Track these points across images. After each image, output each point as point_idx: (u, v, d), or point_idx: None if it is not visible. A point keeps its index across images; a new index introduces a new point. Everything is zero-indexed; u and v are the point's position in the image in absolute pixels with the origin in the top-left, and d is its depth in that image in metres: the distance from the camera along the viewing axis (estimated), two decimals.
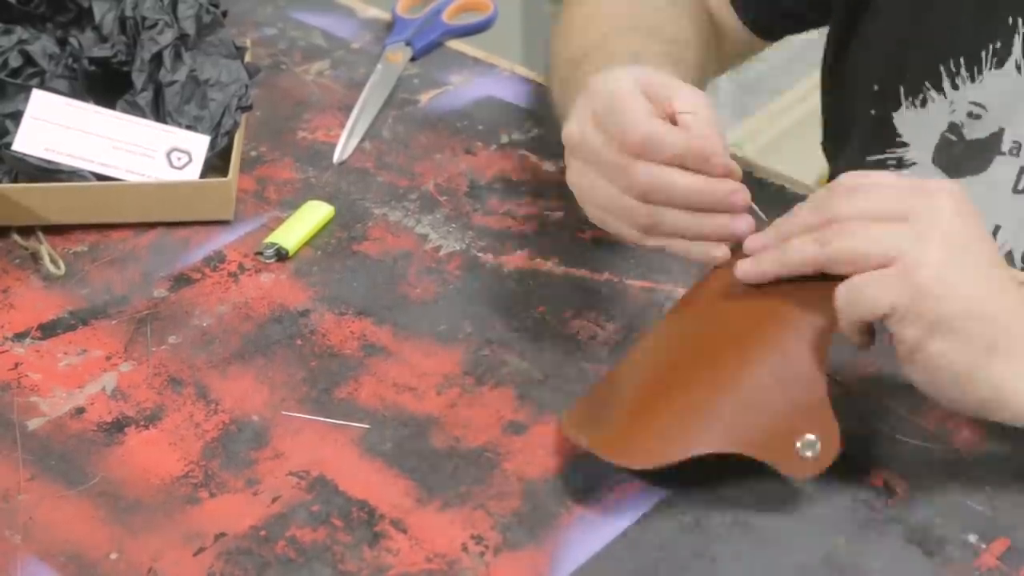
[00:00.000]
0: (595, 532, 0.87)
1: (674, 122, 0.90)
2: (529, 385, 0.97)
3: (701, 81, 1.08)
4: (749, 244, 0.90)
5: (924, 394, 0.86)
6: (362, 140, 1.19)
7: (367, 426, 0.94)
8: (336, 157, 1.17)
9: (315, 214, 1.12)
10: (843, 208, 0.85)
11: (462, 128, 1.22)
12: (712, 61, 1.16)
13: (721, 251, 0.91)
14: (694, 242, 0.91)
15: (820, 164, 1.28)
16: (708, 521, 0.87)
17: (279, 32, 1.34)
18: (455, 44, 1.32)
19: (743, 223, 0.90)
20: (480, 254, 1.08)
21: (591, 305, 1.03)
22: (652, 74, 0.93)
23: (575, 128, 0.93)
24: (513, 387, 0.97)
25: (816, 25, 1.21)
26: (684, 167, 0.89)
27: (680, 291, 1.04)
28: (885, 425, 0.92)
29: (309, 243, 1.10)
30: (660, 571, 0.85)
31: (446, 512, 0.89)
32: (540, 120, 1.22)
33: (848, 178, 0.87)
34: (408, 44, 1.29)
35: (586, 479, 0.90)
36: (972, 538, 0.86)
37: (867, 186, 0.86)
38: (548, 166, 1.17)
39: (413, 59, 1.28)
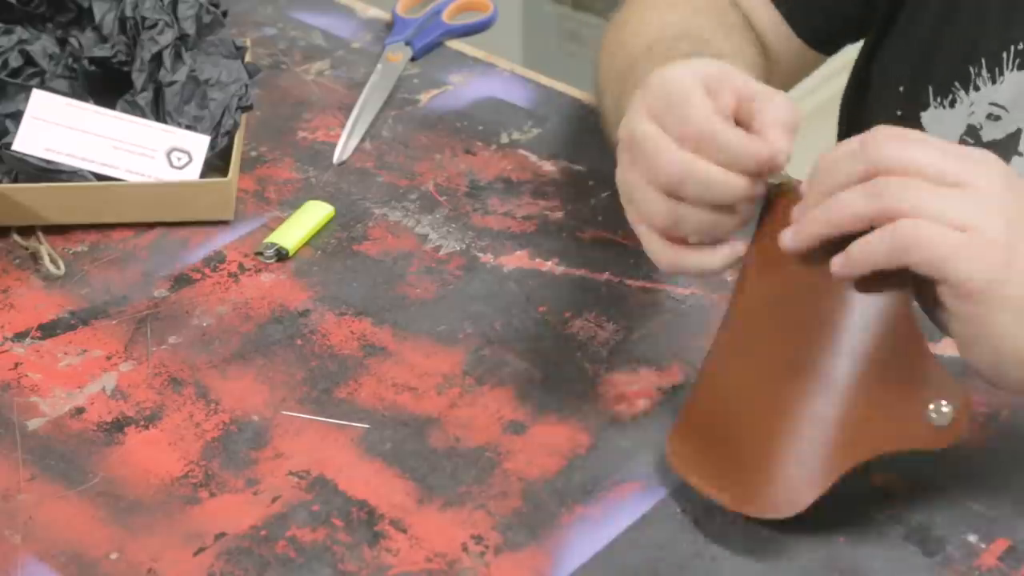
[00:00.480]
0: (595, 532, 0.87)
1: (737, 120, 0.85)
2: (529, 385, 0.97)
3: None
4: (794, 216, 0.84)
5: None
6: (362, 140, 1.19)
7: (367, 426, 0.94)
8: (336, 157, 1.17)
9: (315, 214, 1.12)
10: (892, 155, 0.80)
11: (462, 128, 1.22)
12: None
13: (741, 246, 0.86)
14: (717, 252, 0.86)
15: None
16: (708, 521, 0.87)
17: (279, 32, 1.34)
18: (455, 44, 1.32)
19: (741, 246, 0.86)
20: (480, 254, 1.08)
21: (591, 305, 1.03)
22: (715, 66, 0.88)
23: (629, 124, 0.87)
24: (513, 387, 0.97)
25: (867, 30, 1.18)
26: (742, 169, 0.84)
27: (679, 291, 1.04)
28: None
29: (309, 243, 1.10)
30: (660, 571, 0.85)
31: (446, 512, 0.89)
32: (540, 120, 1.22)
33: (889, 128, 0.82)
34: (408, 44, 1.29)
35: (586, 479, 0.90)
36: (972, 538, 0.86)
37: (914, 139, 0.81)
38: (548, 166, 1.17)
39: (413, 59, 1.29)
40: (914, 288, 0.81)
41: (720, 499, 0.85)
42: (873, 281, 0.81)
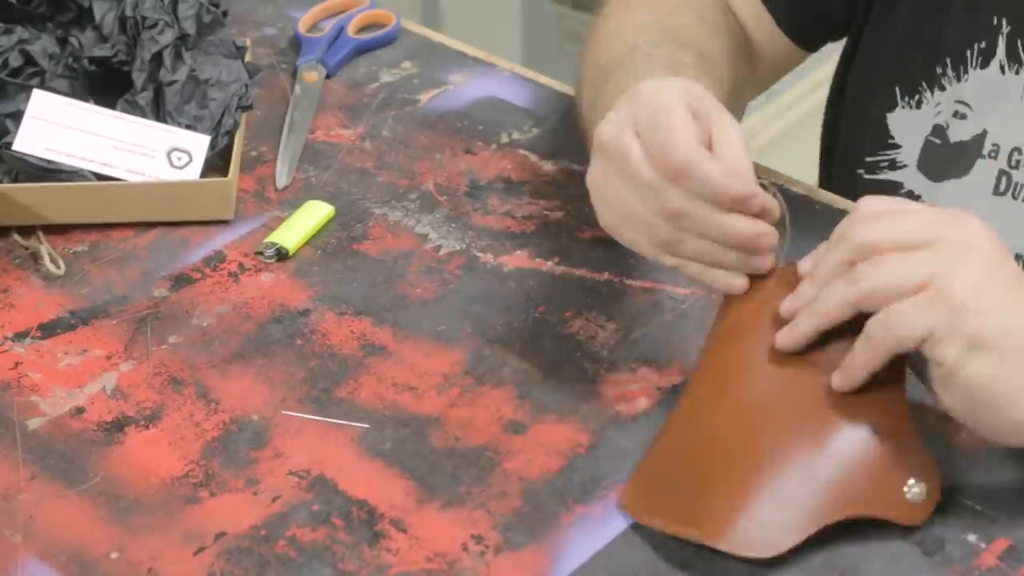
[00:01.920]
0: (595, 532, 0.87)
1: (709, 147, 0.88)
2: (529, 385, 0.97)
3: (730, 97, 1.04)
4: (785, 308, 0.87)
5: (923, 396, 0.86)
6: (301, 161, 1.18)
7: (367, 426, 0.95)
8: (280, 183, 1.15)
9: (315, 214, 1.12)
10: (868, 236, 0.84)
11: (462, 128, 1.22)
12: (746, 81, 1.13)
13: (741, 281, 0.89)
14: (711, 269, 0.89)
15: (806, 176, 1.28)
16: None
17: (279, 32, 1.34)
18: (455, 44, 1.32)
19: (765, 262, 0.88)
20: (480, 254, 1.08)
21: (591, 305, 1.03)
22: (700, 93, 0.90)
23: (611, 130, 0.89)
24: (513, 387, 0.97)
25: (850, 28, 1.18)
26: (717, 201, 0.87)
27: (679, 291, 1.04)
28: None
29: (309, 243, 1.10)
30: (660, 571, 0.85)
31: (446, 512, 0.89)
32: (540, 120, 1.22)
33: (869, 204, 0.86)
34: (321, 63, 1.28)
35: (586, 479, 0.90)
36: (972, 538, 0.86)
37: (891, 212, 0.85)
38: (548, 166, 1.17)
39: (328, 76, 1.28)
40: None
41: (691, 535, 0.85)
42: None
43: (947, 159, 1.10)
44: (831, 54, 1.23)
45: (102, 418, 0.96)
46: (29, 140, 1.11)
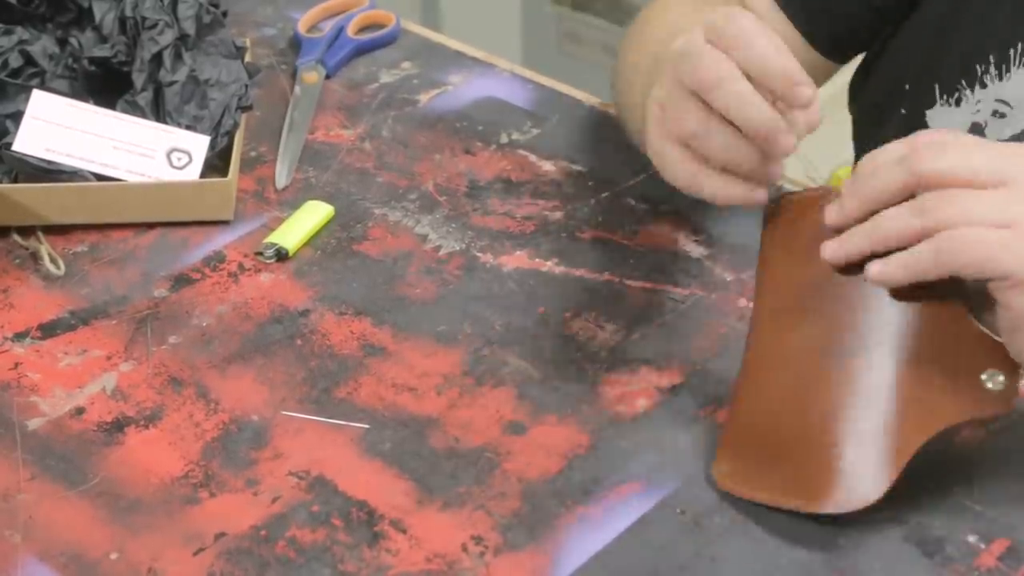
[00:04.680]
0: (595, 532, 0.87)
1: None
2: (529, 385, 0.97)
3: None
4: (830, 217, 0.86)
5: None
6: (301, 162, 1.18)
7: (367, 426, 0.94)
8: (279, 183, 1.16)
9: (315, 214, 1.12)
10: (937, 165, 0.82)
11: (462, 128, 1.22)
12: None
13: (761, 193, 0.87)
14: (732, 184, 0.87)
15: (822, 163, 1.28)
16: (708, 521, 0.87)
17: (279, 32, 1.34)
18: (455, 44, 1.32)
19: (777, 169, 0.87)
20: (480, 254, 1.08)
21: (591, 305, 1.03)
22: (719, 20, 0.88)
23: (659, 89, 0.89)
24: (513, 387, 0.97)
25: (878, 36, 1.18)
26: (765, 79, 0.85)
27: (679, 291, 1.04)
28: None
29: (309, 243, 1.10)
30: (660, 571, 0.85)
31: (446, 512, 0.89)
32: (540, 120, 1.22)
33: (929, 135, 0.84)
34: (320, 63, 1.28)
35: (586, 479, 0.90)
36: (972, 538, 0.86)
37: (953, 144, 0.83)
38: (548, 166, 1.17)
39: (328, 77, 1.28)
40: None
41: (791, 504, 0.85)
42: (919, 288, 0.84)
43: None
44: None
45: (102, 418, 0.96)
46: (29, 140, 1.11)
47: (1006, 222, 0.80)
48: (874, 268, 0.84)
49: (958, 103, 1.10)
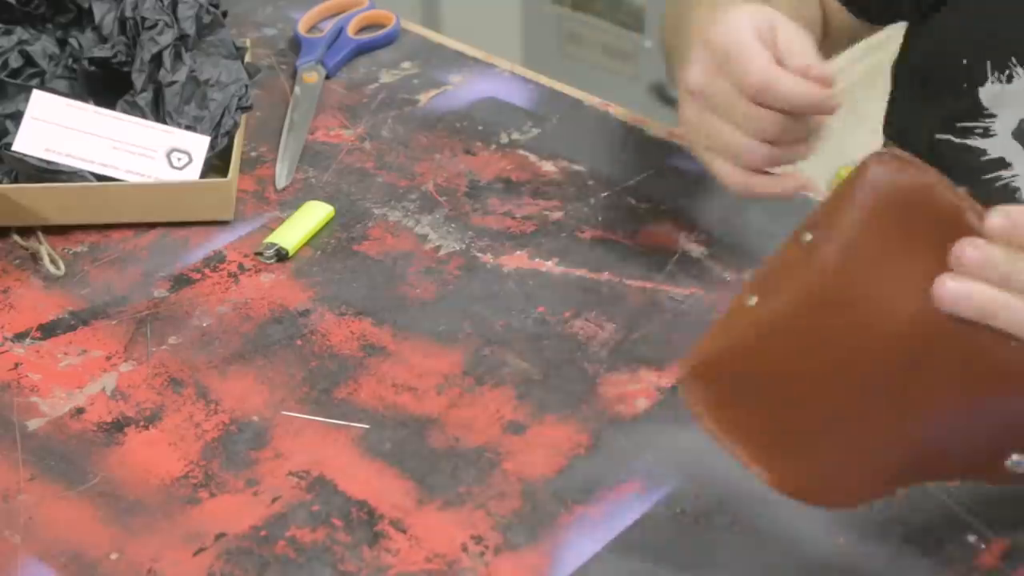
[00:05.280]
0: (595, 532, 0.87)
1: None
2: (529, 385, 0.97)
3: None
4: (968, 257, 0.72)
5: None
6: (301, 162, 1.18)
7: (367, 426, 0.95)
8: (279, 183, 1.16)
9: (315, 214, 1.12)
10: None
11: (462, 128, 1.22)
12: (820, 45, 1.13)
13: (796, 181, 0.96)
14: (783, 181, 0.96)
15: (823, 162, 1.28)
16: (708, 521, 0.87)
17: (279, 33, 1.34)
18: (455, 44, 1.32)
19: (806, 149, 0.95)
20: (480, 254, 1.08)
21: (591, 305, 1.03)
22: (764, 14, 0.96)
23: (696, 74, 0.96)
24: (513, 387, 0.97)
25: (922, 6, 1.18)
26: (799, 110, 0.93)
27: (679, 291, 1.04)
28: None
29: (309, 243, 1.10)
30: (660, 571, 0.85)
31: (446, 512, 0.89)
32: (540, 120, 1.22)
33: None
34: (320, 63, 1.28)
35: (586, 479, 0.90)
36: (972, 538, 0.86)
37: None
38: (548, 166, 1.17)
39: (328, 77, 1.28)
40: None
41: (754, 468, 0.78)
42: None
43: None
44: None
45: (102, 419, 0.96)
46: (29, 141, 1.11)
47: None
48: (950, 284, 0.73)
49: (1009, 80, 1.11)
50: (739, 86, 0.93)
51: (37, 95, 1.12)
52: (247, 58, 1.23)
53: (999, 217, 0.72)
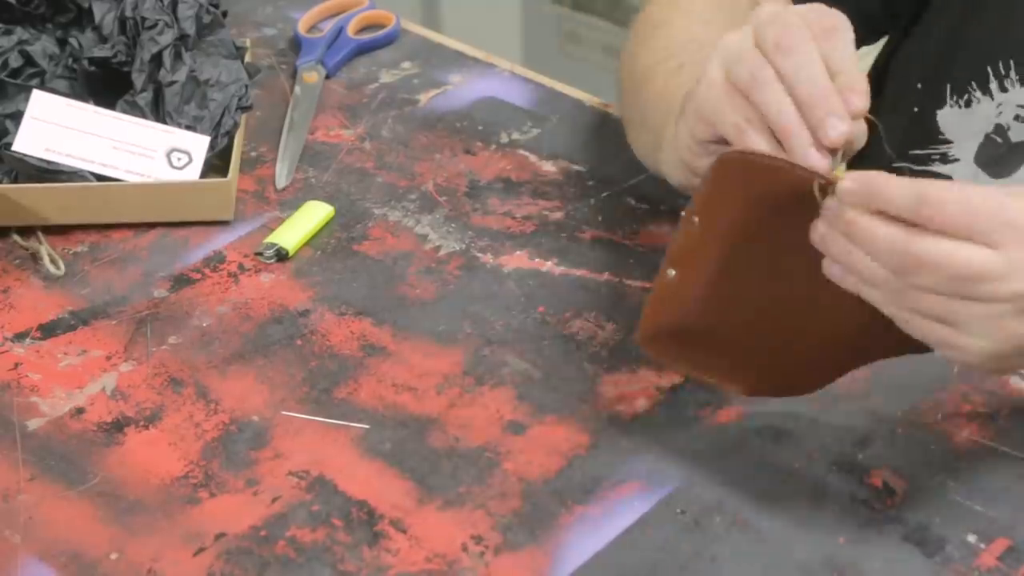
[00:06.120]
0: (595, 532, 0.87)
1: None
2: (529, 385, 0.97)
3: None
4: (818, 237, 0.81)
5: (921, 394, 0.86)
6: (301, 162, 1.18)
7: (367, 426, 0.94)
8: (279, 183, 1.16)
9: (315, 214, 1.12)
10: (921, 280, 0.78)
11: (462, 128, 1.22)
12: None
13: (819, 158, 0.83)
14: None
15: None
16: (708, 521, 0.87)
17: (279, 33, 1.34)
18: (455, 44, 1.32)
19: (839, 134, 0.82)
20: (480, 254, 1.08)
21: (591, 305, 1.03)
22: (821, 10, 0.86)
23: (707, 76, 0.86)
24: (513, 387, 0.97)
25: (887, 33, 1.18)
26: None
27: None
28: (885, 425, 0.92)
29: (309, 243, 1.10)
30: (660, 571, 0.85)
31: (446, 512, 0.89)
32: (540, 120, 1.22)
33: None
34: (320, 63, 1.28)
35: (586, 479, 0.90)
36: (972, 538, 0.86)
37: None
38: (548, 166, 1.17)
39: (328, 77, 1.28)
40: None
41: (711, 377, 0.90)
42: None
43: (1007, 156, 1.10)
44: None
45: (102, 419, 0.96)
46: (29, 141, 1.11)
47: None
48: (833, 270, 0.81)
49: (967, 104, 1.10)
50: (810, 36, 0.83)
51: (37, 95, 1.12)
52: (247, 58, 1.23)
53: (849, 183, 0.79)
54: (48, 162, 1.11)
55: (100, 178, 1.11)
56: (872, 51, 1.22)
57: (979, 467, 0.90)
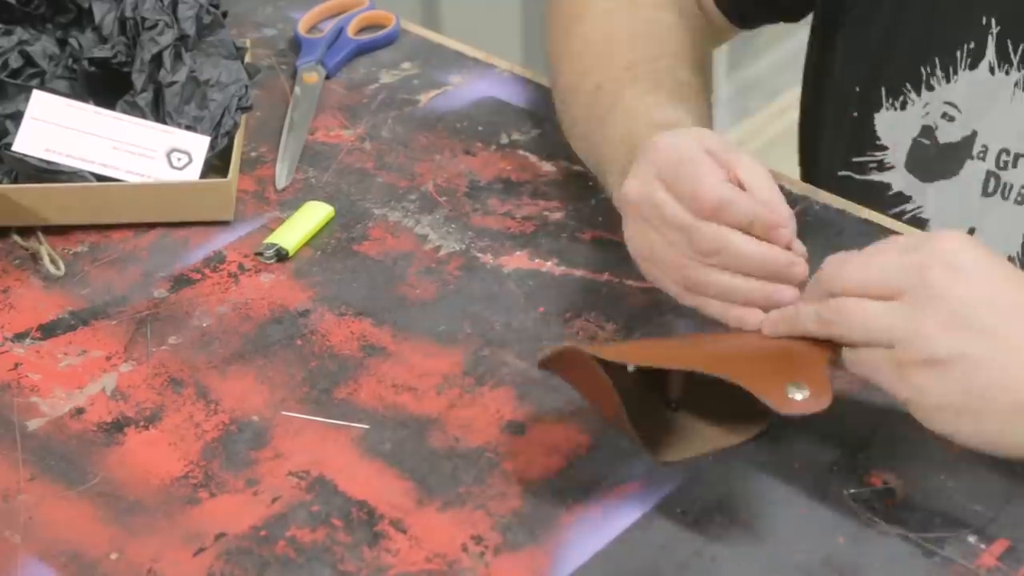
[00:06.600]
0: (595, 532, 0.87)
1: (741, 187, 0.91)
2: (529, 385, 0.97)
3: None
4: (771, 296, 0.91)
5: None
6: (301, 162, 1.18)
7: (367, 426, 0.95)
8: (279, 184, 1.16)
9: (315, 214, 1.12)
10: (835, 285, 0.86)
11: (462, 128, 1.22)
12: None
13: (756, 318, 0.90)
14: (729, 307, 0.91)
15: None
16: (708, 521, 0.87)
17: (279, 33, 1.34)
18: (455, 45, 1.32)
19: (789, 293, 0.89)
20: (480, 254, 1.08)
21: (591, 305, 1.03)
22: (713, 138, 0.93)
23: (637, 184, 0.93)
24: (513, 387, 0.97)
25: (791, 18, 1.20)
26: (748, 233, 0.89)
27: None
28: (885, 425, 0.92)
29: (309, 243, 1.10)
30: (660, 571, 0.85)
31: (446, 512, 0.89)
32: (540, 120, 1.22)
33: (832, 260, 0.88)
34: (320, 63, 1.28)
35: (586, 479, 0.90)
36: (972, 538, 0.86)
37: (853, 260, 0.86)
38: (548, 166, 1.17)
39: (328, 77, 1.28)
40: None
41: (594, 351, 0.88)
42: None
43: (937, 160, 1.10)
44: None
45: (102, 419, 0.96)
46: (29, 141, 1.11)
47: (887, 341, 0.83)
48: (765, 326, 0.90)
49: (903, 106, 1.10)
50: (691, 203, 0.90)
51: (37, 95, 1.12)
52: (247, 58, 1.23)
53: None
54: (48, 162, 1.11)
55: (100, 178, 1.11)
56: (801, 27, 1.23)
57: (979, 467, 0.90)
